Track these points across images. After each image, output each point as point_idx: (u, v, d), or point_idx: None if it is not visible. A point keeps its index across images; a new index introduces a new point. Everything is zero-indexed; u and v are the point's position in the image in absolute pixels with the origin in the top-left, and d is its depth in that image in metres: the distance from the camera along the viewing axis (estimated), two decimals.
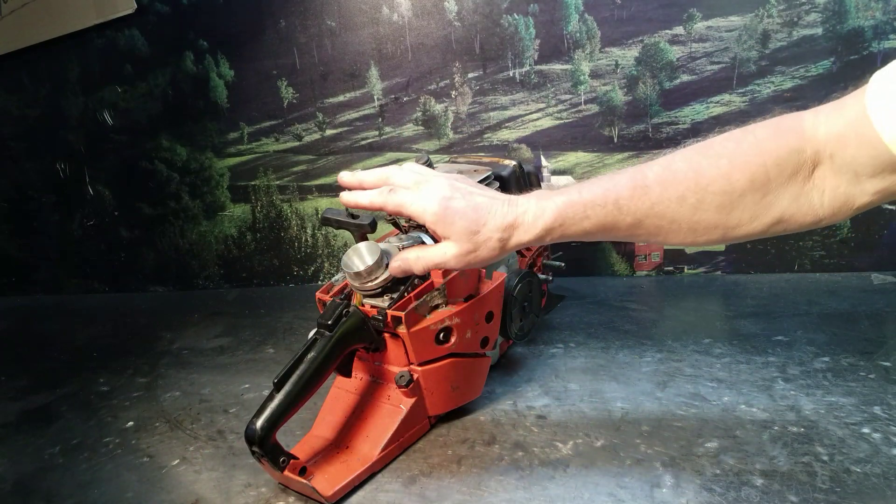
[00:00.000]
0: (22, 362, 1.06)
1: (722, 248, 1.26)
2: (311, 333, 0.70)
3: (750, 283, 1.22)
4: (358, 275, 0.73)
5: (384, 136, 1.26)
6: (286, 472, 0.66)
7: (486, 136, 1.24)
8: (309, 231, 1.31)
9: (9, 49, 1.21)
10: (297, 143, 1.27)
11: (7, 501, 0.72)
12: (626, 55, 1.19)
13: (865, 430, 0.72)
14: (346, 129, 1.26)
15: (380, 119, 1.25)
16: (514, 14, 1.18)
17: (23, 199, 1.31)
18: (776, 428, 0.76)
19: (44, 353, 1.08)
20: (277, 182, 1.29)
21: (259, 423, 0.64)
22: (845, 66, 1.14)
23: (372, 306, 0.75)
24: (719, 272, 1.28)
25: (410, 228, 0.80)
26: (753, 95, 1.19)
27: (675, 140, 1.20)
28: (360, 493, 0.69)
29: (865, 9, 1.11)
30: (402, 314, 0.71)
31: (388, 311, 0.72)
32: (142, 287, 1.35)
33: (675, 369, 0.91)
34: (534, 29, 1.19)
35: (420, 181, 0.66)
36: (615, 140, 1.23)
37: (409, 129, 1.25)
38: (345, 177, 0.70)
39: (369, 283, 0.73)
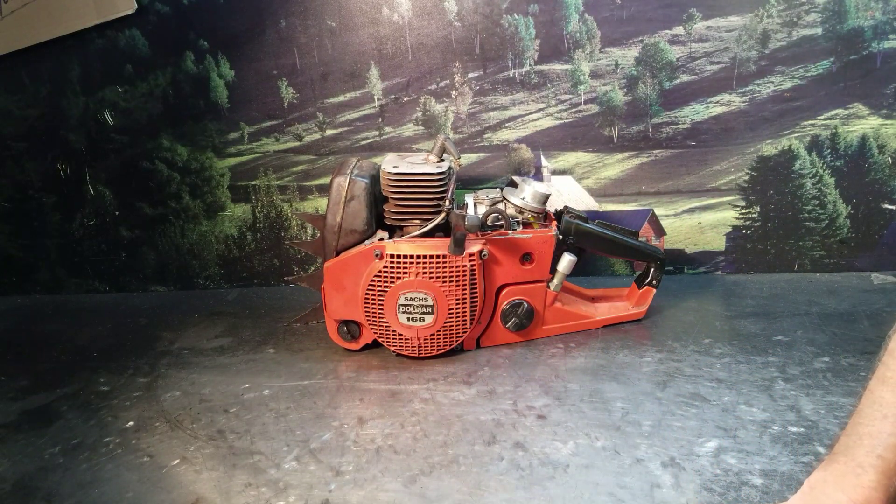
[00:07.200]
0: (22, 362, 1.06)
1: (722, 247, 1.26)
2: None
3: (750, 283, 1.22)
4: (546, 197, 1.00)
5: (384, 136, 1.26)
6: None
7: (486, 136, 1.24)
8: (309, 231, 1.31)
9: (9, 49, 1.21)
10: (297, 143, 1.27)
11: (7, 501, 0.72)
12: (626, 55, 1.19)
13: None
14: (346, 129, 1.26)
15: (380, 119, 1.25)
16: (514, 14, 1.18)
17: (23, 199, 1.31)
18: (776, 428, 0.76)
19: (44, 353, 1.08)
20: (278, 182, 1.29)
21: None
22: (845, 66, 1.13)
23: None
24: (719, 272, 1.28)
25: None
26: (753, 95, 1.19)
27: (674, 140, 1.20)
28: (360, 493, 0.69)
29: (865, 9, 1.11)
30: None
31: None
32: (142, 287, 1.35)
33: (675, 369, 0.91)
34: (534, 29, 1.19)
35: None
36: (615, 140, 1.22)
37: (409, 129, 1.25)
38: None
39: (537, 208, 1.00)
